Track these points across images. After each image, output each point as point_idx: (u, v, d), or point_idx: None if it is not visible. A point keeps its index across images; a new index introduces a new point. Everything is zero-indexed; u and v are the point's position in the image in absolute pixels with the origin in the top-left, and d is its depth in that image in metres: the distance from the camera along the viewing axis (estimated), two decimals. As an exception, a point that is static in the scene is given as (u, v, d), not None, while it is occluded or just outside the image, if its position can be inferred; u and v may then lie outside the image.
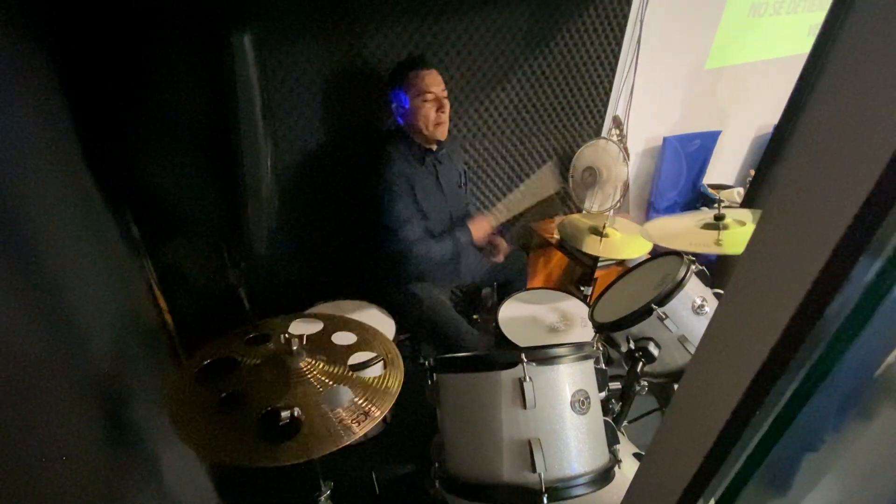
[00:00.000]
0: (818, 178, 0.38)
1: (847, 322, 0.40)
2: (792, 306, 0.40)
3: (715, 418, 0.48)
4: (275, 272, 1.95)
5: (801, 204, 0.39)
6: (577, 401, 1.07)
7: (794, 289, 0.39)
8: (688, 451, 0.52)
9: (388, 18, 1.71)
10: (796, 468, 1.07)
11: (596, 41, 2.17)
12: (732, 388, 0.46)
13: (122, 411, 0.99)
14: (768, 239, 0.42)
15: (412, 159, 1.70)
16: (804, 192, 0.39)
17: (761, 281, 0.43)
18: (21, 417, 0.66)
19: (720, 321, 0.49)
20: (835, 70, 0.35)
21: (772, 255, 0.42)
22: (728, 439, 0.48)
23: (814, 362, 0.43)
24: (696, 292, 1.37)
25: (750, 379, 0.45)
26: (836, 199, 0.36)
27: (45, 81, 1.06)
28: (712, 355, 0.50)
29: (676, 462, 0.54)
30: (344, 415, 0.95)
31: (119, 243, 1.33)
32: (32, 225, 0.81)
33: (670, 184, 2.88)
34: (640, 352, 1.33)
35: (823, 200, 0.37)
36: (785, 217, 0.40)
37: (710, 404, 0.49)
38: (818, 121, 0.37)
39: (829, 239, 0.37)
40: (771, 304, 0.42)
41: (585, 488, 1.03)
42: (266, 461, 0.86)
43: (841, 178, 0.36)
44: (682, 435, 0.54)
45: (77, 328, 0.90)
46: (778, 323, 0.41)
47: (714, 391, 0.49)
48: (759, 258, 0.43)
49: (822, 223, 0.37)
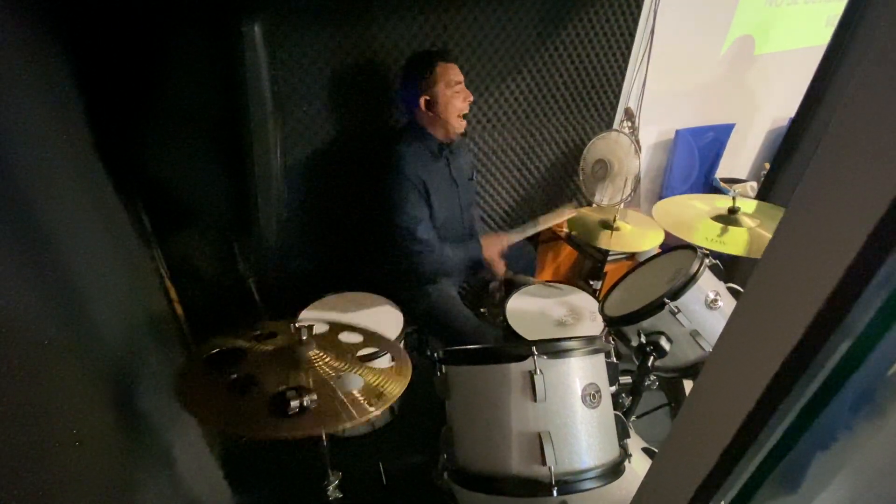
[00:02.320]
0: (844, 177, 0.37)
1: (871, 323, 0.39)
2: (815, 306, 0.39)
3: (731, 418, 0.48)
4: (284, 264, 1.96)
5: (826, 202, 0.38)
6: (588, 394, 1.06)
7: (817, 288, 0.39)
8: (702, 450, 0.52)
9: (398, 10, 1.70)
10: (808, 467, 1.06)
11: (608, 32, 2.14)
12: (750, 388, 0.46)
13: (134, 399, 1.01)
14: (792, 236, 0.41)
15: (426, 155, 1.69)
16: (830, 189, 0.38)
17: (784, 279, 0.42)
18: (37, 402, 0.67)
19: (739, 318, 0.48)
20: (867, 65, 0.34)
21: (796, 252, 0.41)
22: (744, 440, 0.48)
23: (835, 364, 0.42)
24: (709, 286, 1.35)
25: (768, 379, 0.44)
26: (863, 198, 0.35)
27: (60, 75, 1.06)
28: (730, 353, 0.49)
29: (690, 461, 0.54)
30: (356, 395, 0.95)
31: (130, 234, 1.34)
32: (48, 216, 0.82)
33: (682, 177, 2.84)
34: (651, 346, 1.32)
35: (850, 199, 0.36)
36: (810, 215, 0.39)
37: (727, 404, 0.48)
38: (847, 117, 0.36)
39: (855, 238, 0.36)
40: (793, 302, 0.41)
41: (595, 482, 1.03)
42: (278, 433, 0.86)
43: (867, 178, 0.35)
44: (696, 434, 0.54)
45: (90, 316, 0.91)
46: (800, 322, 0.40)
47: (731, 390, 0.49)
48: (782, 255, 0.42)
49: (848, 222, 0.36)
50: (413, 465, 1.81)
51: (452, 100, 1.62)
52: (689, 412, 0.55)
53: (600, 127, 2.40)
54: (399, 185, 1.62)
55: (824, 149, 0.37)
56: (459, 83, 1.63)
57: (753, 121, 3.01)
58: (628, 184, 2.31)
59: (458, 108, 1.64)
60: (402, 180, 1.62)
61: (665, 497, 0.59)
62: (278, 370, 1.00)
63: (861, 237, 0.35)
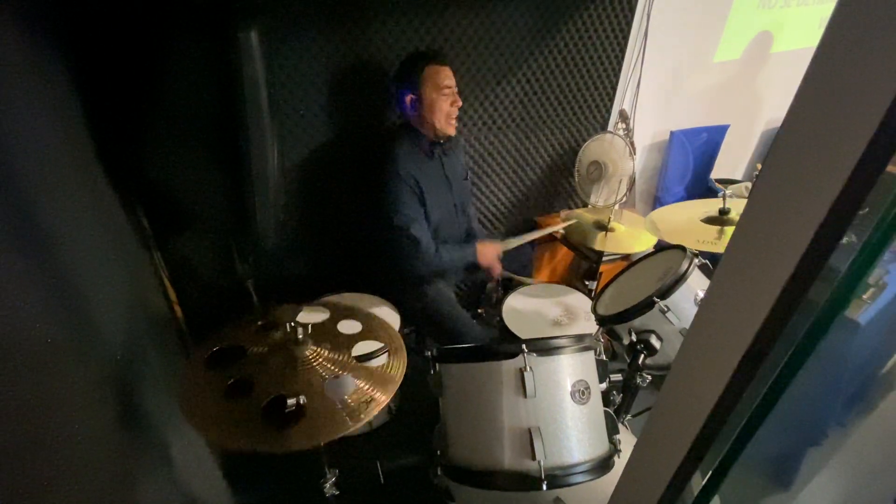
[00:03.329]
0: (798, 171, 0.39)
1: (824, 311, 0.41)
2: (774, 293, 0.41)
3: (705, 399, 0.50)
4: (282, 265, 1.98)
5: (781, 196, 0.40)
6: (578, 391, 1.08)
7: (775, 277, 0.41)
8: (680, 430, 0.54)
9: (392, 14, 1.72)
10: (799, 461, 1.07)
11: (602, 34, 2.17)
12: (720, 370, 0.48)
13: (134, 398, 1.03)
14: (753, 227, 0.44)
15: (419, 154, 1.71)
16: (785, 184, 0.40)
17: (746, 270, 0.45)
18: (39, 400, 0.68)
19: (709, 304, 0.51)
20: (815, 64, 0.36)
21: (755, 244, 0.43)
22: (717, 418, 0.50)
23: (796, 345, 0.44)
24: (698, 285, 1.37)
25: (736, 362, 0.46)
26: (814, 190, 0.37)
27: (60, 80, 1.09)
28: (701, 340, 0.52)
29: (673, 436, 0.56)
30: (348, 402, 0.98)
31: (130, 236, 1.36)
32: (49, 218, 0.84)
33: (677, 178, 2.86)
34: (641, 344, 1.34)
35: (802, 192, 0.38)
36: (766, 208, 0.42)
37: (700, 386, 0.51)
38: (798, 115, 0.38)
39: (806, 231, 0.38)
40: (755, 292, 0.43)
41: (585, 476, 1.05)
42: (271, 446, 0.89)
43: (819, 170, 0.37)
44: (676, 411, 0.56)
45: (90, 317, 0.93)
46: (761, 309, 0.43)
47: (703, 373, 0.51)
48: (743, 247, 0.45)
49: (801, 216, 0.38)
50: (410, 464, 1.83)
51: (438, 102, 1.63)
52: (668, 393, 0.57)
53: (595, 129, 2.42)
54: (393, 184, 1.64)
55: (778, 146, 0.40)
56: (449, 87, 1.64)
57: (748, 122, 3.03)
58: (623, 185, 2.33)
59: (444, 111, 1.65)
60: (395, 179, 1.64)
61: (649, 475, 0.61)
62: (275, 371, 1.02)
63: (812, 227, 0.37)
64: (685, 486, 0.56)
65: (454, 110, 1.67)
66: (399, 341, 1.17)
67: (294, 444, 0.90)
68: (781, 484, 1.07)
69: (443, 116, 1.65)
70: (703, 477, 0.57)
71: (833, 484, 0.99)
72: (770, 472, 1.05)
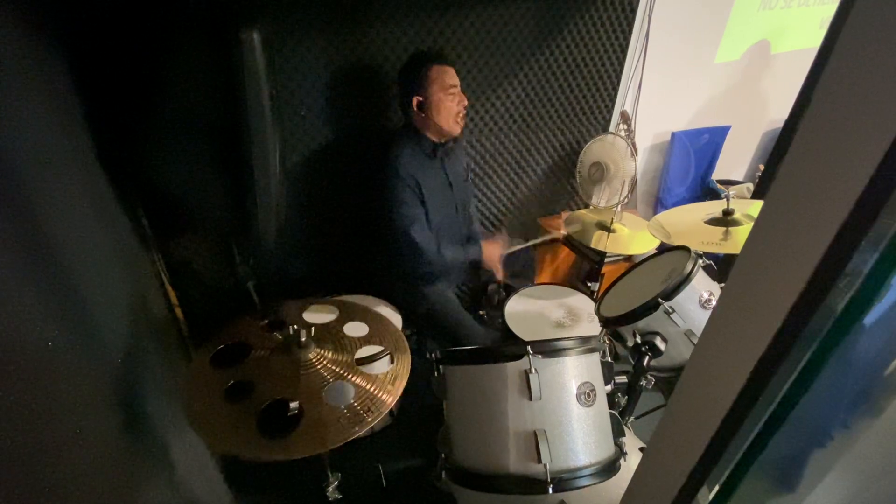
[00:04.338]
0: (818, 171, 0.38)
1: (844, 315, 0.40)
2: (791, 298, 0.40)
3: (717, 407, 0.49)
4: (283, 267, 1.97)
5: (801, 196, 0.40)
6: (583, 393, 1.08)
7: (793, 281, 0.40)
8: (691, 438, 0.53)
9: (394, 15, 1.72)
10: (804, 464, 1.06)
11: (604, 35, 2.16)
12: (734, 378, 0.47)
13: (135, 400, 1.02)
14: (769, 231, 0.43)
15: (421, 155, 1.71)
16: (805, 184, 0.39)
17: (762, 272, 0.44)
18: (40, 405, 0.68)
19: (722, 312, 0.50)
20: (835, 64, 0.36)
21: (773, 246, 0.42)
22: (730, 427, 0.49)
23: (812, 352, 0.43)
24: (703, 286, 1.37)
25: (750, 369, 0.45)
26: (835, 191, 0.37)
27: (61, 81, 1.08)
28: (714, 346, 0.51)
29: (680, 449, 0.55)
30: (346, 410, 0.97)
31: (131, 239, 1.35)
32: (50, 220, 0.83)
33: (679, 179, 2.86)
34: (646, 346, 1.33)
35: (823, 192, 0.38)
36: (785, 209, 0.41)
37: (713, 393, 0.50)
38: (820, 114, 0.37)
39: (826, 232, 0.37)
40: (771, 295, 0.43)
41: (591, 479, 1.04)
42: (268, 455, 0.88)
43: (839, 170, 0.36)
44: (685, 423, 0.55)
45: (91, 319, 0.92)
46: (777, 314, 0.42)
47: (716, 381, 0.50)
48: (760, 249, 0.44)
49: (821, 216, 0.38)
50: (412, 468, 1.82)
51: (445, 102, 1.62)
52: (678, 402, 0.56)
53: (596, 130, 2.42)
54: (394, 185, 1.63)
55: (798, 145, 0.39)
56: (454, 87, 1.64)
57: (749, 123, 3.03)
58: (625, 186, 2.33)
59: (452, 111, 1.65)
60: (396, 181, 1.63)
61: (658, 484, 0.60)
62: (276, 374, 1.01)
63: (831, 231, 0.37)
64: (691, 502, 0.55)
65: (461, 109, 1.67)
66: (404, 345, 1.16)
67: (297, 451, 0.89)
68: (786, 487, 1.06)
69: (451, 116, 1.65)
70: (710, 491, 0.57)
71: (838, 486, 0.98)
72: (775, 475, 1.04)
